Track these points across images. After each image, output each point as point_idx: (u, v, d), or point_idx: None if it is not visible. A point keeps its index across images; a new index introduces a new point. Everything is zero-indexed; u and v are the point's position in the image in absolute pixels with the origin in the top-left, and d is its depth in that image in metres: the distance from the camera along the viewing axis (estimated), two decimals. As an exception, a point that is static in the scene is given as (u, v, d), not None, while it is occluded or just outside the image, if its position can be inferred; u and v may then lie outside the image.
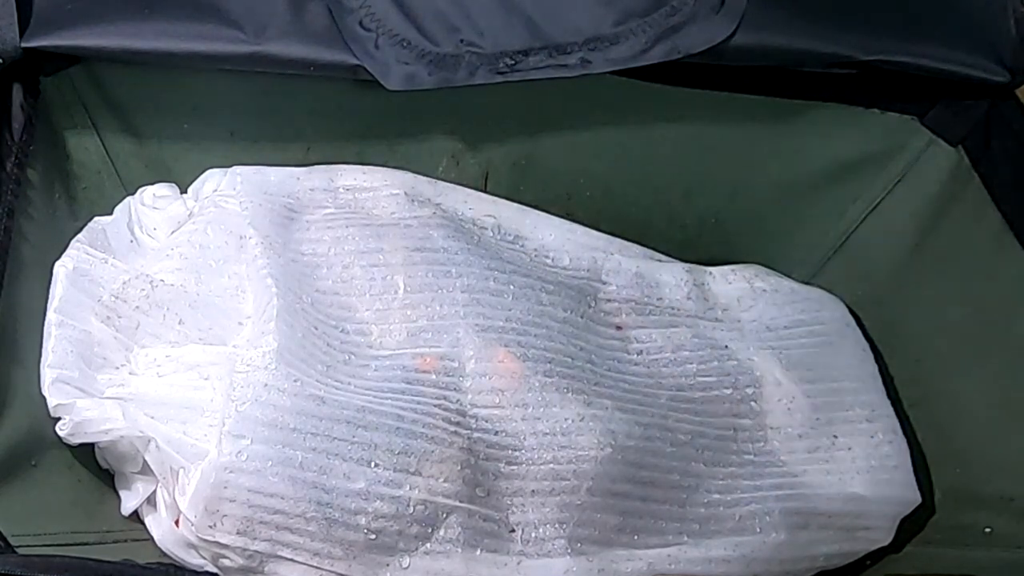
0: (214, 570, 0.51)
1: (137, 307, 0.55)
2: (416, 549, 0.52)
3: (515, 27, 0.58)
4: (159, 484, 0.53)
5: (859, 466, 0.64)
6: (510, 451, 0.56)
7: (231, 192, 0.60)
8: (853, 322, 0.72)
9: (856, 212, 0.71)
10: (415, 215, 0.63)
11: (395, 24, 0.58)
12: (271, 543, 0.50)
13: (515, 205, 0.67)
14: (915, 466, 0.65)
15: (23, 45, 0.53)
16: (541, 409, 0.57)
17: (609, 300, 0.66)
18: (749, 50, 0.59)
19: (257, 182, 0.61)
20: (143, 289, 0.55)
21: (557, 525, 0.55)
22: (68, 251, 0.56)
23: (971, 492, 0.64)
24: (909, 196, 0.68)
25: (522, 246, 0.66)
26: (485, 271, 0.61)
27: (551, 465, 0.56)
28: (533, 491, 0.56)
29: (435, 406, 0.55)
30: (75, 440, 0.51)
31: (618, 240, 0.69)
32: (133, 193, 0.62)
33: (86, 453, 0.54)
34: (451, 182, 0.66)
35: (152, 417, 0.51)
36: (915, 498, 0.64)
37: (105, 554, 0.47)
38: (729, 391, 0.64)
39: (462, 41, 0.58)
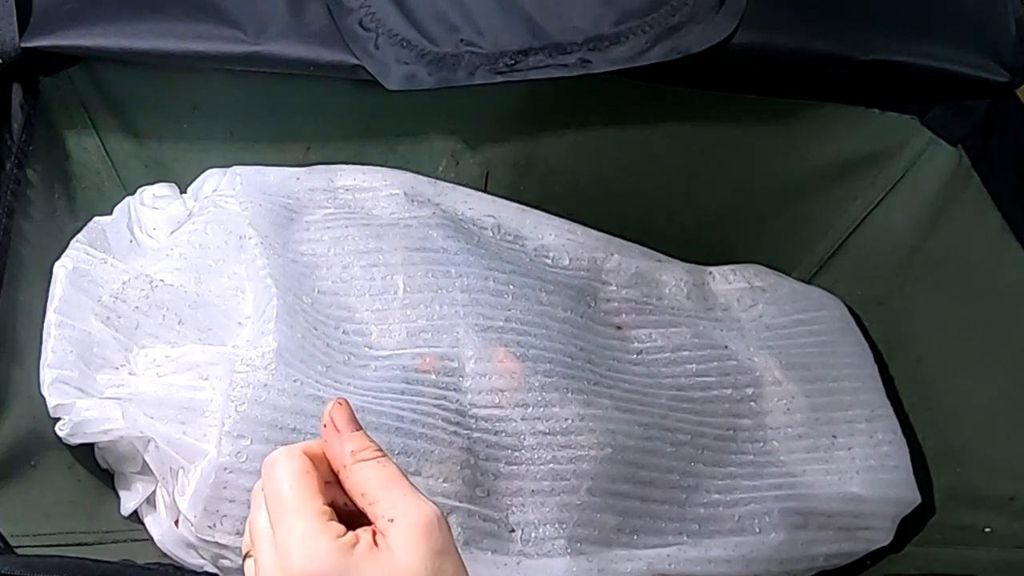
0: (214, 570, 0.51)
1: (137, 307, 0.55)
2: (416, 549, 0.52)
3: (515, 27, 0.58)
4: (159, 484, 0.53)
5: (859, 466, 0.64)
6: (510, 451, 0.56)
7: (231, 192, 0.60)
8: (853, 322, 0.72)
9: (856, 212, 0.71)
10: (414, 215, 0.63)
11: (395, 24, 0.58)
12: (271, 543, 0.50)
13: (515, 205, 0.67)
14: (915, 466, 0.65)
15: (23, 45, 0.53)
16: (541, 409, 0.57)
17: (609, 300, 0.66)
18: (749, 50, 0.59)
19: (257, 182, 0.61)
20: (143, 289, 0.55)
21: (557, 525, 0.55)
22: (68, 251, 0.56)
23: (971, 492, 0.64)
24: (909, 196, 0.68)
25: (522, 246, 0.66)
26: (485, 271, 0.61)
27: (551, 465, 0.56)
28: (533, 491, 0.56)
29: (435, 406, 0.55)
30: (75, 440, 0.51)
31: (618, 240, 0.69)
32: (133, 193, 0.62)
33: (86, 453, 0.54)
34: (451, 182, 0.66)
35: (152, 417, 0.51)
36: (915, 498, 0.64)
37: (104, 554, 0.47)
38: (729, 391, 0.65)
39: (462, 41, 0.58)
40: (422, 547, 0.34)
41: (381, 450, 0.38)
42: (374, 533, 0.35)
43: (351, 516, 0.36)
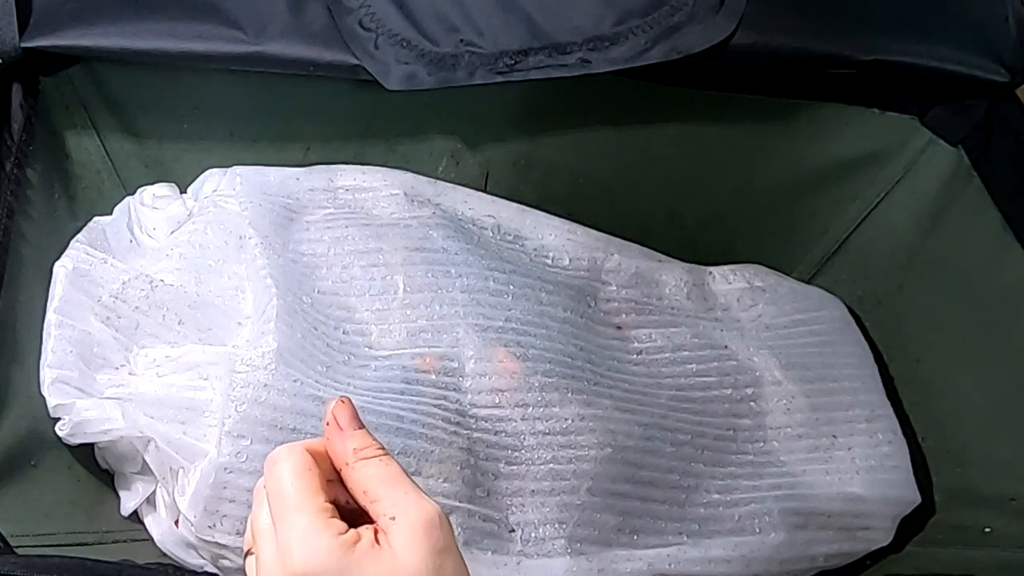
0: (214, 570, 0.51)
1: (137, 307, 0.55)
2: (416, 549, 0.52)
3: (515, 27, 0.58)
4: (159, 484, 0.53)
5: (859, 466, 0.64)
6: (510, 451, 0.56)
7: (231, 192, 0.60)
8: (853, 322, 0.72)
9: (856, 212, 0.71)
10: (414, 215, 0.63)
11: (395, 24, 0.58)
12: (271, 543, 0.50)
13: (515, 205, 0.67)
14: (915, 466, 0.65)
15: (23, 45, 0.53)
16: (541, 409, 0.57)
17: (609, 300, 0.66)
18: (749, 50, 0.59)
19: (257, 182, 0.61)
20: (143, 289, 0.55)
21: (557, 525, 0.55)
22: (68, 251, 0.56)
23: (971, 492, 0.64)
24: (909, 196, 0.68)
25: (522, 246, 0.66)
26: (485, 271, 0.61)
27: (551, 465, 0.56)
28: (533, 491, 0.56)
29: (435, 406, 0.55)
30: (75, 440, 0.51)
31: (618, 240, 0.69)
32: (133, 193, 0.62)
33: (86, 453, 0.54)
34: (451, 182, 0.66)
35: (152, 417, 0.51)
36: (915, 498, 0.64)
37: (104, 554, 0.47)
38: (729, 391, 0.65)
39: (462, 41, 0.58)
40: (423, 545, 0.34)
41: (383, 448, 0.38)
42: (375, 531, 0.35)
43: (353, 514, 0.36)
